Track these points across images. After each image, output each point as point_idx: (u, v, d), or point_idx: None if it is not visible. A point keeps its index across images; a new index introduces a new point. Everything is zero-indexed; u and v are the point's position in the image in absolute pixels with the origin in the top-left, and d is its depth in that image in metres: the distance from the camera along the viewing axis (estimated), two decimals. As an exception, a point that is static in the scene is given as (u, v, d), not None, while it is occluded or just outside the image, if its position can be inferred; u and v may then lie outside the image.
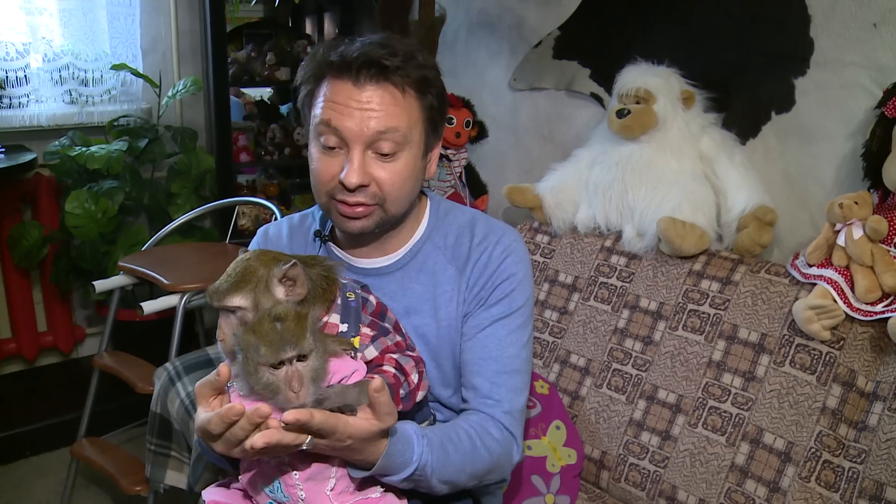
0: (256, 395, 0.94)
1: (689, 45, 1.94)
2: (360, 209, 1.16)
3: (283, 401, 0.92)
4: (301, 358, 0.92)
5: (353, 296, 1.11)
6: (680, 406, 1.61)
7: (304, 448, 0.93)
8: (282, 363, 0.91)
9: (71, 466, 2.29)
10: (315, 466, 1.02)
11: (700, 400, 1.59)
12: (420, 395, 1.14)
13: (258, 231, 1.39)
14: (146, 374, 2.04)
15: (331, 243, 1.31)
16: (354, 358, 1.05)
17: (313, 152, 1.19)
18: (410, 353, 1.14)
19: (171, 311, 2.05)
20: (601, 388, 1.74)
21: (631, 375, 1.71)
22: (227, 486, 1.18)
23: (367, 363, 1.07)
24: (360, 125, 1.12)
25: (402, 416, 1.09)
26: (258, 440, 0.90)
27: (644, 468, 1.61)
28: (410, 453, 1.06)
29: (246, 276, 1.00)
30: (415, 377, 1.10)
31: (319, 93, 1.17)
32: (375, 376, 1.01)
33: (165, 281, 2.02)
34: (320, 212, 1.37)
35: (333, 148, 1.15)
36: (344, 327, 1.07)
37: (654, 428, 1.63)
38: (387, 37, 1.17)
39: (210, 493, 1.15)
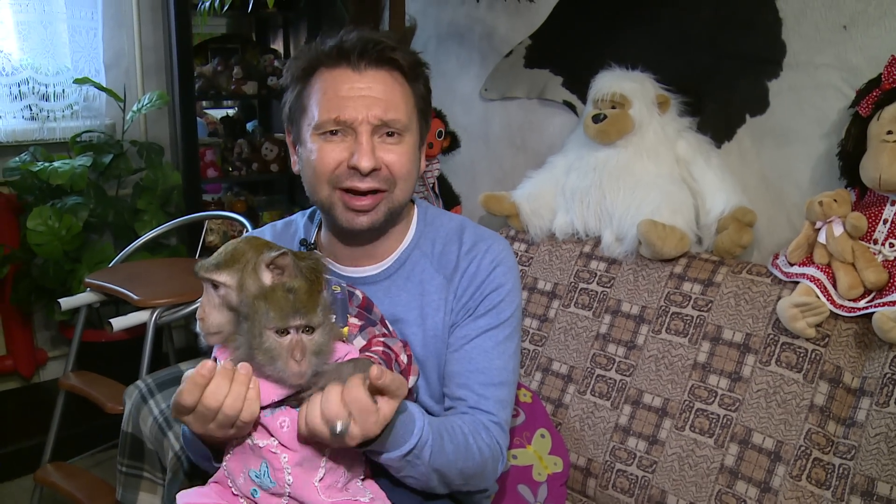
0: (255, 362, 0.94)
1: (661, 50, 1.95)
2: (368, 201, 1.14)
3: (280, 368, 0.92)
4: (308, 330, 0.92)
5: (339, 289, 1.10)
6: (666, 409, 1.59)
7: (339, 430, 0.89)
8: (287, 331, 0.91)
9: (35, 494, 2.19)
10: (306, 451, 0.99)
11: (686, 402, 1.57)
12: (412, 380, 1.12)
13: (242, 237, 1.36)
14: (115, 393, 1.97)
15: (317, 252, 1.27)
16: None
17: (312, 146, 1.16)
18: (398, 339, 1.14)
19: (140, 329, 1.98)
20: (585, 395, 1.72)
21: (615, 381, 1.69)
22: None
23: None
24: (365, 112, 1.12)
25: None
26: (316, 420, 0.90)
27: (632, 474, 1.59)
28: (412, 426, 1.04)
29: (235, 256, 1.00)
30: (404, 358, 1.09)
31: (313, 89, 1.16)
32: (370, 355, 1.02)
33: (135, 297, 1.96)
34: (304, 219, 1.34)
35: (336, 133, 1.14)
36: (332, 318, 1.05)
37: (640, 433, 1.61)
38: (371, 29, 1.19)
39: (182, 497, 1.10)
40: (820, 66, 1.68)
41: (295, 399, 0.98)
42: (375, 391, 0.93)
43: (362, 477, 1.08)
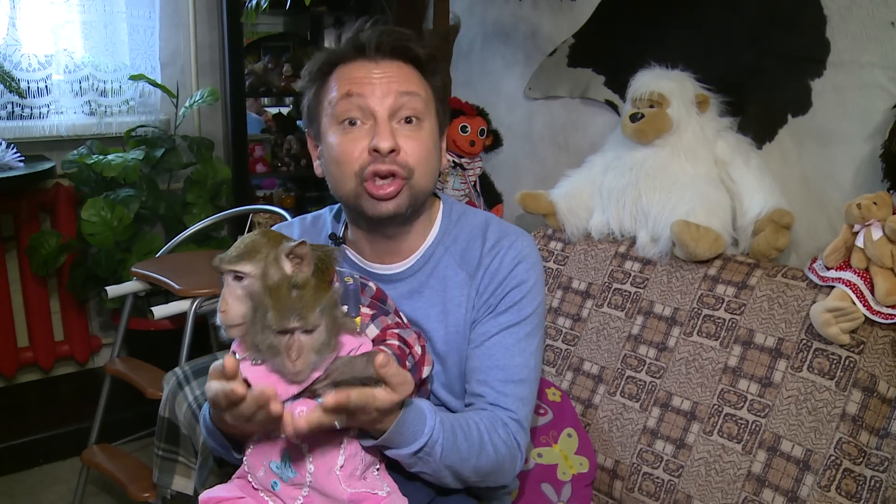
0: (260, 353, 0.96)
1: (703, 49, 1.92)
2: (392, 188, 1.15)
3: (279, 364, 0.95)
4: (306, 331, 0.94)
5: (352, 280, 1.12)
6: (695, 413, 1.57)
7: (337, 426, 0.95)
8: (286, 331, 0.93)
9: (81, 473, 2.28)
10: (325, 439, 1.01)
11: (715, 407, 1.54)
12: (426, 371, 1.13)
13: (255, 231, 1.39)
14: (156, 379, 2.04)
15: (345, 246, 1.29)
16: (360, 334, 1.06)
17: (333, 139, 1.17)
18: (412, 329, 1.14)
19: (183, 318, 2.04)
20: (614, 396, 1.71)
21: (645, 382, 1.67)
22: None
23: (371, 341, 1.08)
24: (383, 91, 1.15)
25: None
26: (302, 423, 0.91)
27: (658, 477, 1.57)
28: (422, 425, 1.04)
29: (255, 248, 1.03)
30: (418, 349, 1.10)
31: (331, 84, 1.19)
32: (383, 348, 1.02)
33: (177, 286, 2.02)
34: (330, 215, 1.36)
35: (356, 123, 1.15)
36: (343, 308, 1.07)
37: (668, 436, 1.59)
38: (390, 25, 1.25)
39: (207, 493, 1.13)
40: (865, 64, 1.62)
41: (309, 391, 1.00)
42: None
43: (378, 466, 1.09)
